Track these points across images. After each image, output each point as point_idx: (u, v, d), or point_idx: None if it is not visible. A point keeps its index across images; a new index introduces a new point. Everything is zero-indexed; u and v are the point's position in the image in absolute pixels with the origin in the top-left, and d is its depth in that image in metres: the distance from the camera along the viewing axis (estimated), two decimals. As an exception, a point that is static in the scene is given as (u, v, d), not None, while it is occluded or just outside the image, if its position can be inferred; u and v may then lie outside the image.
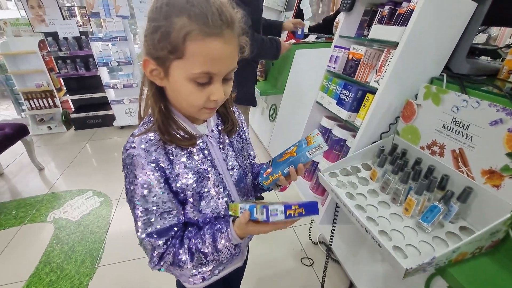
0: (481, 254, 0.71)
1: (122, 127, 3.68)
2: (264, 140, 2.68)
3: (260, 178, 0.70)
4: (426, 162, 0.89)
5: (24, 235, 1.91)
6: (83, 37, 3.29)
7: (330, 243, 1.26)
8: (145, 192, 0.54)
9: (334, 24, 2.46)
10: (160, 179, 0.55)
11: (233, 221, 0.59)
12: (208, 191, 0.63)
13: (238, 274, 0.94)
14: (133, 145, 0.55)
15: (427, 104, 0.89)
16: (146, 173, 0.54)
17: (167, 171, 0.56)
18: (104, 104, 3.59)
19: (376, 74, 1.00)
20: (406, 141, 0.96)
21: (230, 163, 0.67)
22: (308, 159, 0.62)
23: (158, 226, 0.56)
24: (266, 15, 2.36)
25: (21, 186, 2.49)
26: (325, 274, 1.42)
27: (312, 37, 2.08)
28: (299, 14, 2.11)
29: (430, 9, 0.85)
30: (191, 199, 0.61)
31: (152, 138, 0.56)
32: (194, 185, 0.60)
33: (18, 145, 2.46)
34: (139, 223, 0.56)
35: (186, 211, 0.63)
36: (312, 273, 1.62)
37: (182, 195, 0.60)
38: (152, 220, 0.56)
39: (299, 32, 2.06)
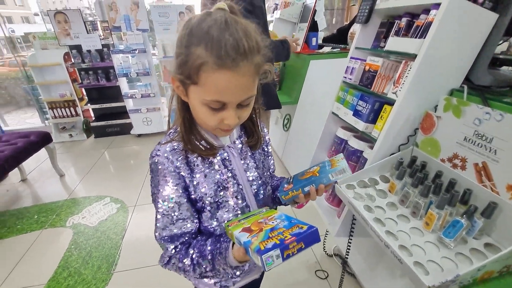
0: (509, 273, 0.68)
1: (139, 135, 3.78)
2: (278, 150, 2.68)
3: (279, 193, 0.71)
4: (447, 175, 0.87)
5: (45, 239, 1.98)
6: (105, 49, 3.45)
7: (346, 256, 1.23)
8: (165, 198, 0.58)
9: (349, 34, 2.47)
10: (180, 187, 0.59)
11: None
12: (227, 201, 0.64)
13: (254, 286, 0.93)
14: (158, 153, 0.58)
15: (448, 116, 0.88)
16: (168, 181, 0.58)
17: (187, 180, 0.59)
18: (123, 113, 3.72)
19: (394, 85, 1.00)
20: (425, 154, 0.95)
21: (251, 175, 0.68)
22: (330, 181, 0.63)
23: (172, 232, 0.60)
24: (281, 27, 2.41)
25: (42, 192, 2.60)
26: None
27: (326, 48, 2.09)
28: (313, 26, 2.14)
29: (450, 21, 0.85)
30: (208, 208, 0.63)
31: (175, 147, 0.59)
32: (213, 194, 0.62)
33: (41, 152, 2.58)
34: (157, 225, 0.60)
35: (203, 219, 0.65)
36: (327, 286, 1.58)
37: (200, 203, 0.62)
38: (167, 225, 0.60)
39: (313, 43, 2.09)
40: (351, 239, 1.18)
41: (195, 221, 0.63)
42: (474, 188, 0.79)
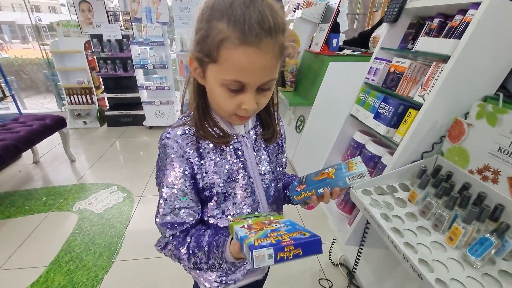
0: (545, 302, 0.61)
1: (151, 127, 3.81)
2: (289, 151, 2.63)
3: (291, 192, 0.66)
4: (476, 188, 0.79)
5: (50, 221, 2.00)
6: (125, 40, 3.49)
7: (354, 267, 1.17)
8: (170, 184, 0.55)
9: (371, 39, 2.40)
10: (187, 174, 0.56)
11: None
12: (235, 194, 0.61)
13: (260, 284, 0.89)
14: (168, 135, 0.55)
15: (480, 124, 0.81)
16: (174, 166, 0.55)
17: (195, 167, 0.56)
18: (136, 104, 3.75)
19: (421, 88, 0.94)
20: (451, 163, 0.88)
21: (263, 168, 0.64)
22: (346, 184, 0.58)
23: (173, 219, 0.58)
24: (302, 27, 2.36)
25: (53, 175, 2.63)
26: (346, 300, 1.32)
27: (347, 50, 2.03)
28: (335, 27, 2.08)
29: (489, 22, 0.79)
30: (215, 198, 0.60)
31: (187, 131, 0.56)
32: (222, 184, 0.59)
33: (55, 137, 2.62)
34: (159, 210, 0.58)
35: (208, 209, 0.61)
36: (331, 297, 1.51)
37: (208, 192, 0.59)
38: (169, 212, 0.57)
39: (334, 44, 2.03)
40: (361, 249, 1.11)
41: (197, 210, 0.60)
42: (507, 204, 0.71)
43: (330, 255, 1.70)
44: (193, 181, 0.57)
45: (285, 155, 0.77)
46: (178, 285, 1.51)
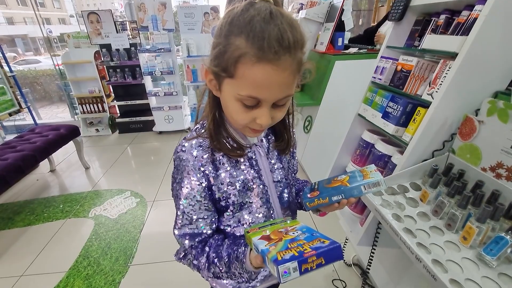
0: None
1: (160, 133, 3.87)
2: (298, 152, 2.62)
3: (304, 199, 0.66)
4: (489, 186, 0.78)
5: (68, 228, 2.06)
6: (132, 48, 3.57)
7: (368, 267, 1.16)
8: (187, 196, 0.56)
9: (376, 35, 2.38)
10: (203, 186, 0.56)
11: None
12: (251, 203, 0.62)
13: None
14: (183, 149, 0.56)
15: (492, 121, 0.79)
16: (191, 178, 0.55)
17: (211, 179, 0.57)
18: (146, 110, 3.82)
19: (429, 86, 0.93)
20: (463, 161, 0.86)
21: (276, 176, 0.65)
22: (361, 193, 0.56)
23: (191, 230, 0.59)
24: (306, 27, 2.36)
25: (69, 182, 2.72)
26: (360, 301, 1.31)
27: (353, 49, 2.02)
28: (340, 25, 2.07)
29: (497, 17, 0.78)
30: (231, 208, 0.60)
31: (201, 144, 0.57)
32: (237, 194, 0.59)
33: (69, 145, 2.70)
34: (177, 221, 0.59)
35: (224, 218, 0.62)
36: (345, 298, 1.51)
37: (224, 203, 0.60)
38: (187, 223, 0.58)
39: (339, 43, 2.02)
40: (374, 249, 1.11)
41: (215, 221, 0.61)
42: (522, 202, 0.70)
43: (344, 255, 1.69)
44: (209, 192, 0.58)
45: (296, 160, 0.78)
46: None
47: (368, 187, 0.56)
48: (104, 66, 3.75)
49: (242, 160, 0.60)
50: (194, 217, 0.58)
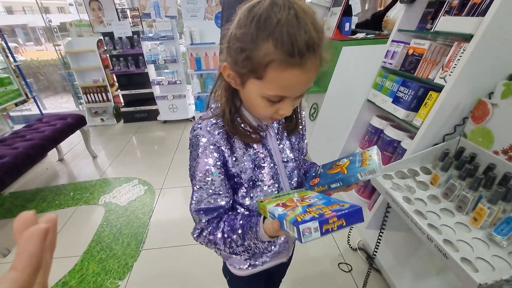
0: None
1: (165, 122, 3.88)
2: (302, 139, 2.63)
3: (305, 185, 0.67)
4: (501, 169, 0.79)
5: (80, 215, 2.11)
6: (135, 36, 3.53)
7: (375, 250, 1.19)
8: (203, 172, 0.58)
9: (384, 20, 2.33)
10: (218, 162, 0.58)
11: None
12: (262, 181, 0.64)
13: (281, 270, 0.93)
14: (199, 126, 0.58)
15: (506, 104, 0.79)
16: (207, 155, 0.57)
17: (226, 155, 0.58)
18: (150, 99, 3.82)
19: (442, 70, 0.92)
20: (475, 145, 0.87)
21: (286, 156, 0.67)
22: (358, 180, 0.56)
23: (207, 205, 0.60)
24: (312, 12, 2.31)
25: (77, 171, 2.76)
26: (366, 283, 1.35)
27: (360, 34, 1.98)
28: (347, 10, 2.02)
29: (515, -3, 0.76)
30: (245, 185, 0.62)
31: (217, 122, 0.58)
32: (250, 172, 0.61)
33: (75, 135, 2.73)
34: (193, 197, 0.61)
35: (238, 196, 0.65)
36: (351, 280, 1.55)
37: (238, 179, 0.62)
38: (203, 198, 0.60)
39: (347, 28, 1.99)
40: (382, 232, 1.13)
41: (230, 196, 0.63)
42: (534, 183, 0.71)
43: (349, 240, 1.72)
44: (225, 168, 0.59)
45: (305, 142, 0.79)
46: (205, 271, 1.58)
47: (365, 174, 0.55)
48: (107, 55, 3.72)
49: None
50: (210, 192, 0.59)
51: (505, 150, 0.79)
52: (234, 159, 0.59)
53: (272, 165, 0.64)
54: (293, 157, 0.69)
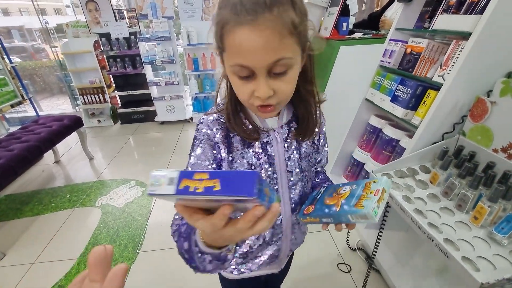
0: None
1: (162, 123, 3.86)
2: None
3: (299, 213, 0.62)
4: (501, 167, 0.79)
5: (76, 217, 2.09)
6: (132, 37, 3.52)
7: (375, 250, 1.18)
8: (195, 159, 0.56)
9: (381, 20, 2.33)
10: (212, 157, 0.56)
11: None
12: None
13: (276, 279, 0.87)
14: (202, 121, 0.57)
15: (505, 101, 0.79)
16: (202, 147, 0.56)
17: (222, 153, 0.56)
18: (147, 100, 3.80)
19: (440, 68, 0.92)
20: (474, 143, 0.86)
21: (290, 166, 0.62)
22: (350, 222, 0.49)
23: None
24: (310, 12, 2.31)
25: (74, 173, 2.73)
26: (366, 284, 1.34)
27: (358, 34, 1.98)
28: (344, 10, 2.02)
29: (513, -6, 0.76)
30: None
31: (219, 119, 0.57)
32: None
33: (72, 137, 2.70)
34: None
35: None
36: (350, 280, 1.54)
37: None
38: None
39: (344, 28, 1.98)
40: (381, 232, 1.12)
41: None
42: (534, 181, 0.71)
43: (348, 240, 1.71)
44: (219, 166, 0.57)
45: (323, 153, 0.73)
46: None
47: (356, 218, 0.47)
48: (104, 56, 3.70)
49: (256, 142, 0.59)
50: None
51: (505, 148, 0.79)
52: (230, 158, 0.57)
53: (270, 173, 0.60)
54: (299, 169, 0.63)
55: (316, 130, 0.62)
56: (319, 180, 0.75)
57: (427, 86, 0.96)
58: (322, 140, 0.71)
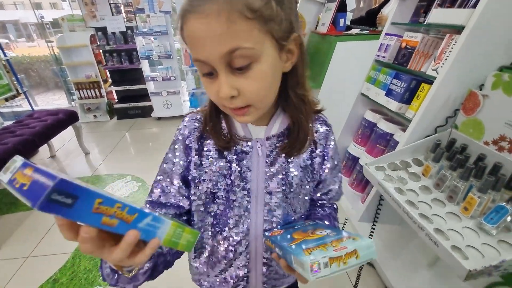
0: (561, 264, 0.62)
1: (159, 119, 3.85)
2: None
3: (267, 233, 0.53)
4: (491, 159, 0.80)
5: (72, 211, 2.08)
6: (129, 31, 3.49)
7: (368, 242, 1.19)
8: (165, 164, 0.56)
9: (378, 16, 2.34)
10: (182, 158, 0.54)
11: None
12: (218, 201, 0.54)
13: None
14: (184, 119, 0.57)
15: (496, 95, 0.80)
16: (175, 149, 0.54)
17: (193, 154, 0.53)
18: (144, 95, 3.78)
19: (434, 62, 0.92)
20: (466, 136, 0.87)
21: (272, 187, 0.53)
22: (291, 264, 0.41)
23: (154, 198, 0.55)
24: (307, 8, 2.31)
25: (69, 168, 2.72)
26: (359, 278, 1.36)
27: (355, 30, 1.99)
28: (341, 5, 2.03)
29: (506, -12, 0.76)
30: (203, 197, 0.54)
31: (198, 118, 0.55)
32: (209, 184, 0.53)
33: (67, 132, 2.68)
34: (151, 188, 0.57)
35: (194, 220, 0.58)
36: (343, 273, 1.55)
37: (194, 189, 0.54)
38: (154, 190, 0.56)
39: (341, 24, 1.99)
40: (375, 225, 1.13)
41: (179, 201, 0.56)
42: (523, 173, 0.72)
43: (343, 234, 1.73)
44: (187, 171, 0.54)
45: (334, 182, 0.62)
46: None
47: (296, 262, 0.39)
48: (100, 50, 3.67)
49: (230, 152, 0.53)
50: (162, 184, 0.55)
51: (495, 141, 0.80)
52: (199, 162, 0.53)
53: (240, 189, 0.52)
54: (282, 194, 0.54)
55: (307, 145, 0.53)
56: (319, 215, 0.62)
57: (421, 80, 0.97)
58: (328, 165, 0.58)
